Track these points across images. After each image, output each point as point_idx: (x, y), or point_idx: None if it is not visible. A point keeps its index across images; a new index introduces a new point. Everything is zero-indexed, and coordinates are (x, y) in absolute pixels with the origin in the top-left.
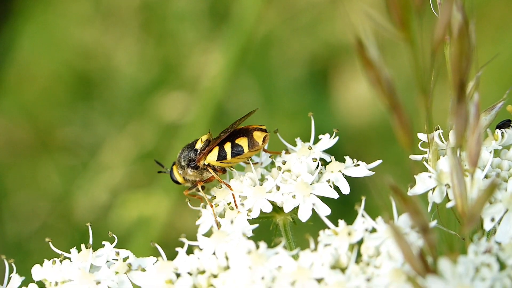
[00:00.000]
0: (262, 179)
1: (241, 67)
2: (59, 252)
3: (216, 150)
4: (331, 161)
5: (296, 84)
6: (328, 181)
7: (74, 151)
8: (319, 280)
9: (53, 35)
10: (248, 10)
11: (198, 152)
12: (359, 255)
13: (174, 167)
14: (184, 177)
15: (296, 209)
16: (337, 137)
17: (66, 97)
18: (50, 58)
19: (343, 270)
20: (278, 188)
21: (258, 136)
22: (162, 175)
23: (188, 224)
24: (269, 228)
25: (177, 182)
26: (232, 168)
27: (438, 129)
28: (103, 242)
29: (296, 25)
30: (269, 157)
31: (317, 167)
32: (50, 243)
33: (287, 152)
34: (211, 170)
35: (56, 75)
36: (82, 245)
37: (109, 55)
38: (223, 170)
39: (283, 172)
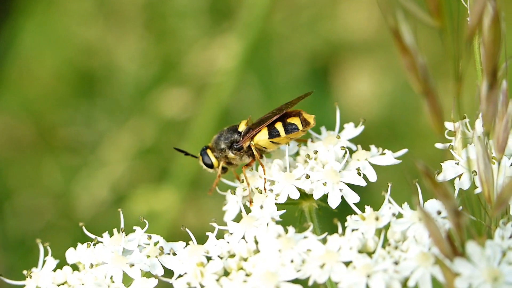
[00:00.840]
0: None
1: (246, 65)
2: (92, 236)
3: (265, 130)
4: (357, 150)
5: (297, 81)
6: (358, 169)
7: (77, 148)
8: (347, 264)
9: (55, 32)
10: (257, 7)
11: (242, 133)
12: (385, 240)
13: (209, 151)
14: (219, 161)
15: (321, 196)
16: (363, 126)
17: (68, 95)
18: (52, 56)
19: (370, 254)
20: (307, 176)
21: (308, 116)
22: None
23: (191, 224)
24: (293, 216)
25: (210, 166)
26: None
27: (465, 117)
28: (134, 227)
29: (297, 22)
30: (297, 145)
31: (344, 155)
32: (83, 227)
33: (313, 141)
34: (254, 150)
35: (58, 73)
36: (115, 230)
37: (111, 52)
38: (261, 155)
39: (310, 160)
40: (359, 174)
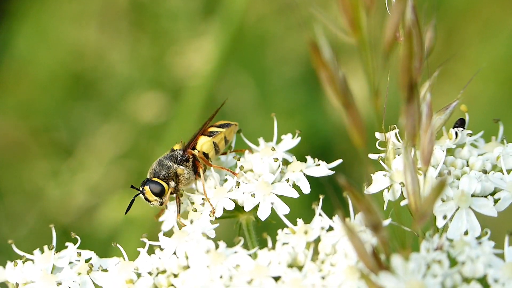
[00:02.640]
0: (225, 180)
1: (234, 63)
2: (22, 253)
3: (203, 136)
4: (292, 161)
5: (291, 82)
6: (288, 180)
7: (56, 152)
8: (276, 279)
9: (48, 34)
10: (236, 3)
11: (183, 148)
12: (316, 253)
13: (154, 178)
14: (168, 185)
15: (252, 208)
16: (299, 138)
17: (60, 97)
18: (45, 58)
19: (300, 268)
20: (238, 184)
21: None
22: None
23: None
24: (233, 229)
25: (160, 193)
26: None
27: (395, 128)
28: (66, 243)
29: (291, 23)
30: (233, 157)
31: (279, 166)
32: (12, 244)
33: (251, 151)
34: (202, 156)
35: (51, 75)
36: (45, 247)
37: (103, 54)
38: (204, 170)
39: (246, 172)
40: (290, 185)
